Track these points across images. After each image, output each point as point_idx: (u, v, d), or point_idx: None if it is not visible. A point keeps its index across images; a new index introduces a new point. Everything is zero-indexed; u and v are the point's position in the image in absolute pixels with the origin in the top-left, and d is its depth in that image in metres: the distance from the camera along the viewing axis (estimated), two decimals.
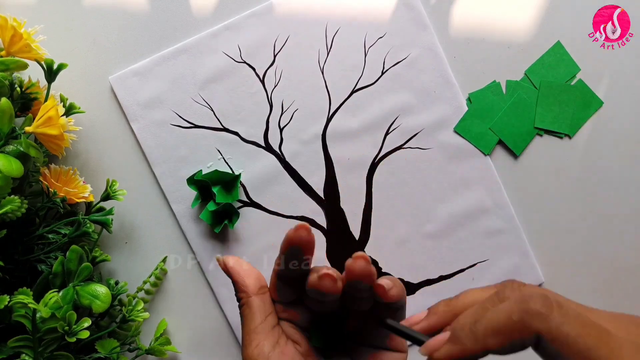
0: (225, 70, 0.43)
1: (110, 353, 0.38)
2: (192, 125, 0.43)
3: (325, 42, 0.43)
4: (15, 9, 0.43)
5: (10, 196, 0.33)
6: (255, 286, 0.30)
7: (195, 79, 0.43)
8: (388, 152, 0.44)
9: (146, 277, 0.43)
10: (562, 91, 0.44)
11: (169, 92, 0.43)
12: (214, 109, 0.43)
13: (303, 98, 0.43)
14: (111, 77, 0.43)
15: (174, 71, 0.43)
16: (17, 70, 0.37)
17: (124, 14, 0.43)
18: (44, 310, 0.33)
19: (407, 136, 0.44)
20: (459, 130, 0.44)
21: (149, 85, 0.43)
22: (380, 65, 0.43)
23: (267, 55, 0.43)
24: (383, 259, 0.44)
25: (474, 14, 0.44)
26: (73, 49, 0.43)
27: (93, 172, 0.43)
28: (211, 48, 0.43)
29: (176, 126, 0.43)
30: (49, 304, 0.34)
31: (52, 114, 0.35)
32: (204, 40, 0.43)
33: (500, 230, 0.44)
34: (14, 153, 0.34)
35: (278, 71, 0.43)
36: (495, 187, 0.44)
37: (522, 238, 0.44)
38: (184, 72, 0.43)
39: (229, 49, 0.43)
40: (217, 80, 0.43)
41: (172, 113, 0.43)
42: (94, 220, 0.40)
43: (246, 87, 0.43)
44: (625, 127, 0.44)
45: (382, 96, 0.44)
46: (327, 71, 0.43)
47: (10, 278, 0.36)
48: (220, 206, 0.41)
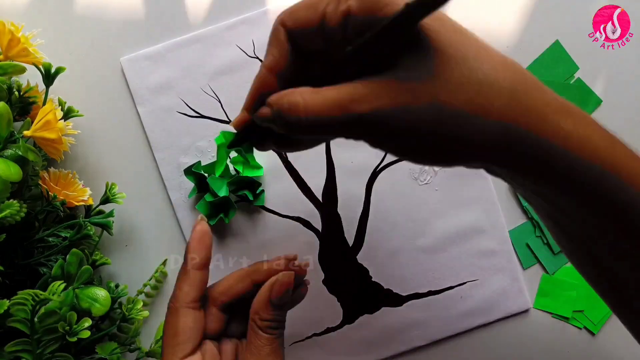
0: (237, 63, 0.43)
1: (110, 355, 0.39)
2: (198, 115, 0.43)
3: None
4: (12, 13, 0.43)
5: (9, 200, 0.34)
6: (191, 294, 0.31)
7: (206, 69, 0.43)
8: (390, 162, 0.44)
9: (146, 280, 0.43)
10: (561, 90, 0.44)
11: (179, 79, 0.43)
12: (222, 101, 0.43)
13: None
14: (122, 59, 0.43)
15: (186, 59, 0.43)
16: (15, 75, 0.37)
17: (124, 14, 0.43)
18: (54, 298, 0.33)
19: None
20: None
21: (160, 71, 0.43)
22: None
23: None
24: (374, 268, 0.44)
25: (472, 12, 0.44)
26: (71, 52, 0.43)
27: (92, 176, 0.43)
28: (225, 40, 0.43)
29: (182, 114, 0.43)
30: (57, 292, 0.34)
31: (50, 117, 0.35)
32: (219, 32, 0.43)
33: (493, 252, 0.44)
34: (12, 157, 0.34)
35: None
36: (492, 208, 0.44)
37: (513, 261, 0.44)
38: (195, 61, 0.43)
39: (243, 42, 0.43)
40: (228, 72, 0.43)
41: (180, 101, 0.43)
42: (95, 223, 0.40)
43: None
44: (624, 125, 0.44)
45: None
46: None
47: (10, 282, 0.36)
48: (218, 198, 0.41)
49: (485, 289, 0.43)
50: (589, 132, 0.22)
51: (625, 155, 0.23)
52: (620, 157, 0.23)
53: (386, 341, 0.43)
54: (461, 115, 0.21)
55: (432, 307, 0.43)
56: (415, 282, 0.43)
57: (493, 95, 0.21)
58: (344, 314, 0.44)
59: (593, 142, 0.22)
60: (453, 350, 0.44)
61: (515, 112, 0.22)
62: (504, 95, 0.22)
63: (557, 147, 0.22)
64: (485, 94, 0.21)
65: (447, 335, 0.43)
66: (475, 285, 0.43)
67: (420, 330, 0.43)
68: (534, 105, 0.22)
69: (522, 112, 0.22)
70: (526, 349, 0.44)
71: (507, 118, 0.22)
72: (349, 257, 0.44)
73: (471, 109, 0.21)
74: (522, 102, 0.22)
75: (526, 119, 0.22)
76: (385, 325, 0.43)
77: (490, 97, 0.21)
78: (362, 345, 0.43)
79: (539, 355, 0.44)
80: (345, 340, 0.44)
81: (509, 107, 0.22)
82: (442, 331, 0.43)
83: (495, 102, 0.21)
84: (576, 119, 0.22)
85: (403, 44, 0.22)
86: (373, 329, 0.43)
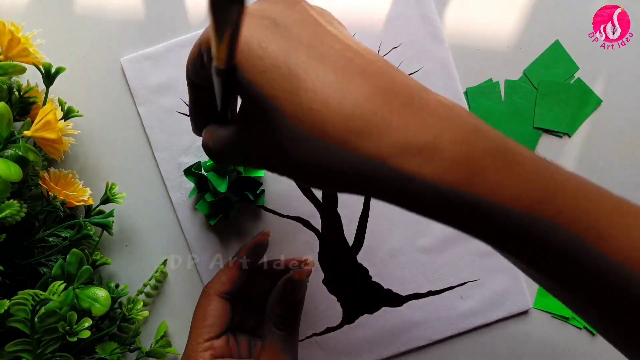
0: None
1: (110, 355, 0.39)
2: None
3: None
4: (12, 13, 0.43)
5: (10, 200, 0.34)
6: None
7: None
8: None
9: (146, 280, 0.43)
10: (561, 90, 0.44)
11: (179, 79, 0.43)
12: None
13: None
14: (122, 59, 0.43)
15: (186, 59, 0.43)
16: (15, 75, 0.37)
17: (124, 14, 0.43)
18: (55, 298, 0.33)
19: None
20: None
21: (160, 71, 0.43)
22: None
23: None
24: (374, 268, 0.44)
25: (472, 12, 0.44)
26: (71, 52, 0.43)
27: (92, 176, 0.43)
28: None
29: (182, 114, 0.43)
30: (57, 292, 0.34)
31: (50, 117, 0.35)
32: None
33: (493, 252, 0.43)
34: (12, 157, 0.34)
35: None
36: None
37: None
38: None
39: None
40: None
41: (180, 101, 0.43)
42: (95, 223, 0.40)
43: None
44: (624, 125, 0.44)
45: None
46: None
47: (10, 282, 0.36)
48: (218, 198, 0.41)
49: (485, 289, 0.43)
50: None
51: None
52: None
53: (386, 341, 0.43)
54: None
55: (432, 307, 0.43)
56: (415, 282, 0.43)
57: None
58: (344, 314, 0.44)
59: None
60: (453, 351, 0.44)
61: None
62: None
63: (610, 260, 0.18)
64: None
65: (447, 335, 0.43)
66: (476, 285, 0.43)
67: (420, 330, 0.43)
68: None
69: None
70: (526, 349, 0.44)
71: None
72: (349, 257, 0.44)
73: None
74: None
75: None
76: (385, 325, 0.43)
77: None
78: (362, 345, 0.43)
79: (539, 355, 0.44)
80: (345, 340, 0.44)
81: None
82: (442, 331, 0.43)
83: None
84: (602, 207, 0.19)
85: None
86: (373, 329, 0.43)
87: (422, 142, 0.18)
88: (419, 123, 0.18)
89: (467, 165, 0.18)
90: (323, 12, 0.23)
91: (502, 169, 0.18)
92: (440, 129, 0.18)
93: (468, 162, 0.18)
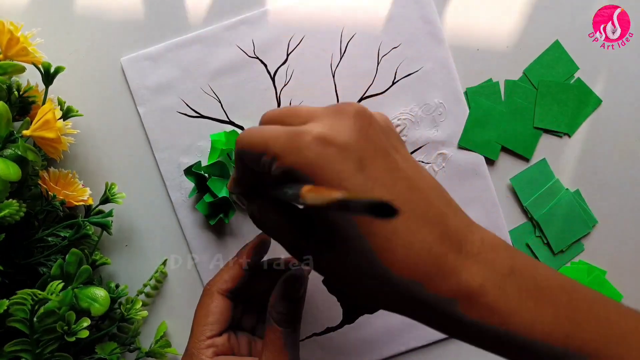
0: (237, 63, 0.43)
1: (110, 355, 0.38)
2: (198, 115, 0.43)
3: (340, 46, 0.43)
4: (12, 13, 0.43)
5: (9, 200, 0.33)
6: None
7: (206, 69, 0.43)
8: None
9: (146, 280, 0.43)
10: (561, 90, 0.44)
11: (179, 79, 0.43)
12: (222, 101, 0.43)
13: (312, 100, 0.43)
14: (122, 59, 0.43)
15: (186, 59, 0.43)
16: (14, 74, 0.37)
17: (124, 14, 0.43)
18: (53, 298, 0.33)
19: (412, 148, 0.44)
20: (462, 143, 0.44)
21: (160, 71, 0.43)
22: (391, 76, 0.43)
23: (280, 53, 0.43)
24: None
25: (472, 12, 0.44)
26: (71, 52, 0.43)
27: (92, 175, 0.43)
28: (225, 40, 0.43)
29: (182, 114, 0.43)
30: (55, 291, 0.34)
31: (49, 117, 0.35)
32: (219, 32, 0.43)
33: None
34: (12, 157, 0.34)
35: (289, 70, 0.43)
36: (492, 208, 0.44)
37: None
38: (195, 61, 0.43)
39: (243, 42, 0.43)
40: (228, 73, 0.43)
41: (180, 101, 0.43)
42: (94, 223, 0.40)
43: (256, 83, 0.43)
44: (624, 125, 0.44)
45: (390, 106, 0.44)
46: (338, 76, 0.43)
47: (9, 282, 0.36)
48: (218, 199, 0.41)
49: None
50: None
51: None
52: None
53: (386, 341, 0.43)
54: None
55: None
56: None
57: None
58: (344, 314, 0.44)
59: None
60: (453, 351, 0.44)
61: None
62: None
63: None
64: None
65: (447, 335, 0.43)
66: None
67: (420, 330, 0.43)
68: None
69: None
70: None
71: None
72: None
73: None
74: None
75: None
76: (385, 325, 0.43)
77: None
78: (362, 345, 0.43)
79: None
80: (345, 340, 0.43)
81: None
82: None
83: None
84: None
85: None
86: (373, 329, 0.43)
87: (472, 287, 0.22)
88: (468, 268, 0.23)
89: (505, 308, 0.22)
90: (387, 128, 0.25)
91: (534, 309, 0.23)
92: (483, 278, 0.23)
93: (505, 304, 0.22)
